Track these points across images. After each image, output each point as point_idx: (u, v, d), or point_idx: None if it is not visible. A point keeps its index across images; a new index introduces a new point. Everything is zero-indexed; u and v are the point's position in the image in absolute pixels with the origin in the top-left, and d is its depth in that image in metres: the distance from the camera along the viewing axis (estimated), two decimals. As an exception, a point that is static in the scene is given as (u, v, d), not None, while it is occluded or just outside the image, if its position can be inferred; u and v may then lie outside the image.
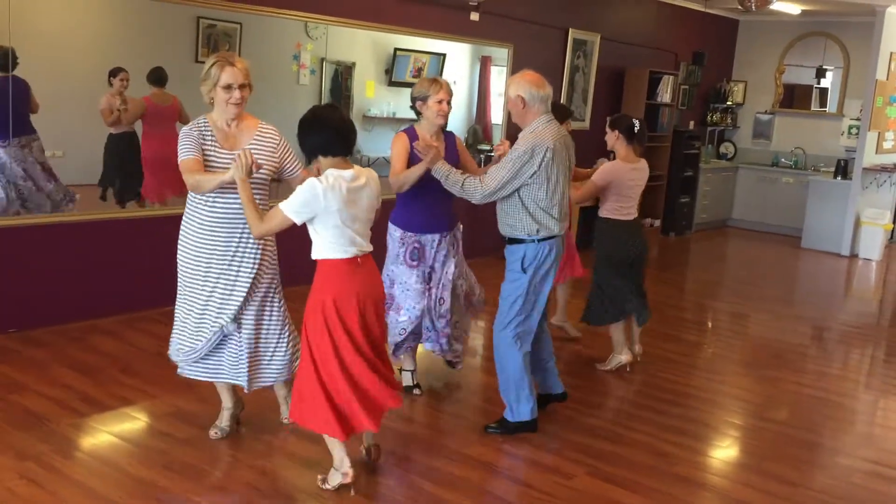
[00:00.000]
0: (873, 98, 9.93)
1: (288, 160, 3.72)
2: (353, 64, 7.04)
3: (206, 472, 3.57)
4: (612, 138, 4.99)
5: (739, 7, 8.57)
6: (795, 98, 11.84)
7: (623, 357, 5.16)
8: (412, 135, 4.24)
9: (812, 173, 11.04)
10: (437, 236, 4.34)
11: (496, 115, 8.42)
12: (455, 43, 7.82)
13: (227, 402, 3.90)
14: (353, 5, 6.77)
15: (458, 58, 7.97)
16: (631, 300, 5.08)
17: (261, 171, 3.53)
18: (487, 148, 8.34)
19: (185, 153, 3.51)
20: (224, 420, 3.89)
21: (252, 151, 3.47)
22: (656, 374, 5.25)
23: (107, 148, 5.50)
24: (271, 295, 3.73)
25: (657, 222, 10.59)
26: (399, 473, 3.68)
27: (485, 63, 8.28)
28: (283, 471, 3.63)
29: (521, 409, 4.10)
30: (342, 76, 6.99)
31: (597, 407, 4.71)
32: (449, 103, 4.24)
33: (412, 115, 4.39)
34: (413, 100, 4.29)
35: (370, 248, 3.34)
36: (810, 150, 11.53)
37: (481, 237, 6.36)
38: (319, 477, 3.47)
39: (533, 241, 3.92)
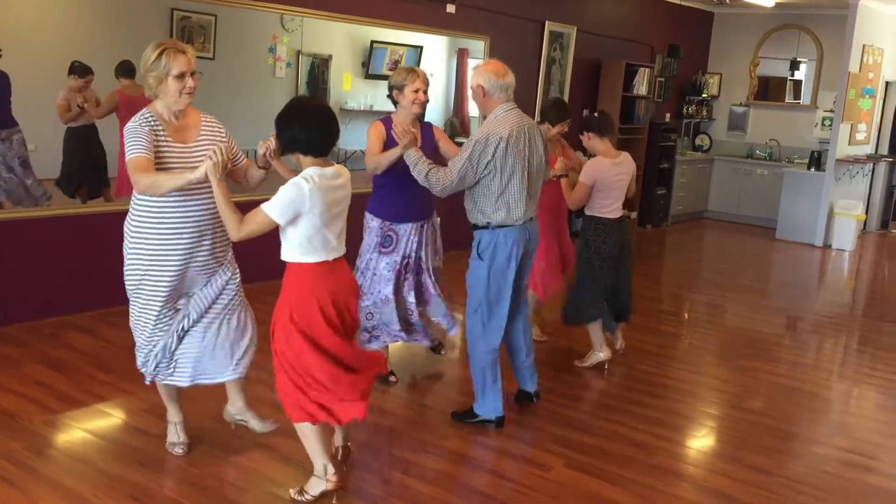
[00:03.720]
0: (846, 90, 10.03)
1: (235, 151, 3.51)
2: (330, 56, 7.00)
3: (183, 468, 3.54)
4: (586, 140, 4.91)
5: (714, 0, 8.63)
6: (770, 90, 11.95)
7: (601, 354, 5.11)
8: (388, 124, 4.24)
9: (786, 165, 11.15)
10: (410, 225, 4.36)
11: (473, 108, 8.41)
12: (432, 35, 7.79)
13: (178, 414, 3.72)
14: (329, -3, 6.73)
15: (435, 50, 7.95)
16: (601, 304, 4.96)
17: None
18: (464, 140, 8.33)
19: (136, 150, 3.18)
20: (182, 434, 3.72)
21: (204, 145, 3.34)
22: (633, 366, 5.28)
23: (65, 142, 5.40)
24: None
25: (634, 214, 10.64)
26: (376, 467, 3.67)
27: (462, 56, 8.27)
28: (261, 467, 3.60)
29: (485, 403, 4.10)
30: (318, 69, 6.94)
31: (574, 399, 4.73)
32: (426, 93, 4.24)
33: (389, 107, 4.39)
34: (390, 88, 4.29)
35: (344, 250, 3.22)
36: (784, 142, 11.64)
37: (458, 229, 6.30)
38: (292, 491, 3.30)
39: (486, 227, 3.93)
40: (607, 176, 4.82)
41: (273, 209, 2.99)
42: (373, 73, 7.34)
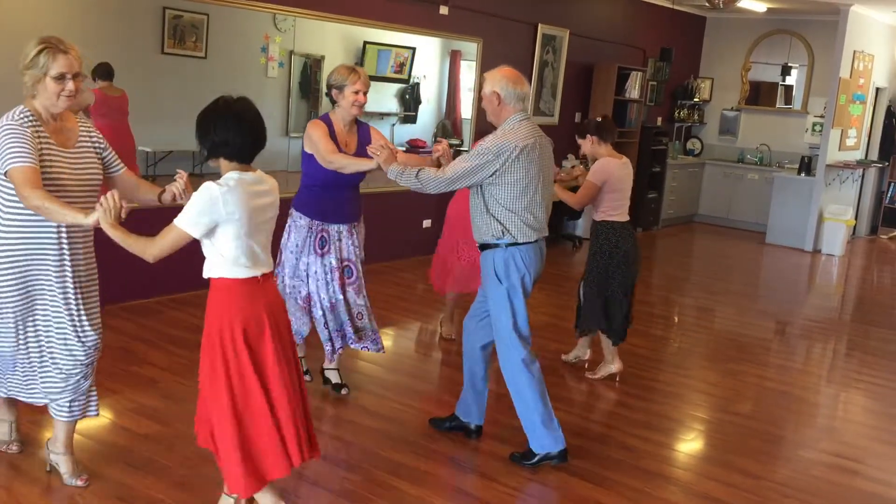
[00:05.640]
0: (837, 95, 10.08)
1: (110, 157, 3.24)
2: (322, 57, 6.99)
3: (169, 468, 3.52)
4: (589, 145, 4.82)
5: (706, 4, 8.65)
6: (761, 95, 11.99)
7: (613, 367, 5.02)
8: (327, 121, 4.12)
9: (777, 170, 11.20)
10: (344, 226, 4.23)
11: (466, 110, 8.41)
12: (425, 37, 7.79)
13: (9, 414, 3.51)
14: (322, -3, 6.72)
15: (428, 52, 7.95)
16: (614, 314, 4.89)
17: (94, 177, 3.12)
18: (457, 142, 8.33)
19: (23, 159, 2.87)
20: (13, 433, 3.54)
21: (84, 151, 3.10)
22: (623, 369, 5.27)
23: None
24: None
25: (625, 217, 10.66)
26: (366, 469, 3.66)
27: (454, 57, 8.26)
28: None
29: (545, 435, 3.75)
30: (311, 69, 6.93)
31: (564, 401, 4.73)
32: (365, 94, 4.08)
33: (380, 108, 4.33)
34: (329, 87, 4.13)
35: (272, 264, 2.94)
36: (775, 147, 11.69)
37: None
38: None
39: (500, 245, 3.69)
40: (617, 176, 4.77)
41: (185, 221, 2.72)
42: (378, 74, 7.36)
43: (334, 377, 4.48)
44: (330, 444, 3.91)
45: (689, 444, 4.36)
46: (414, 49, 7.73)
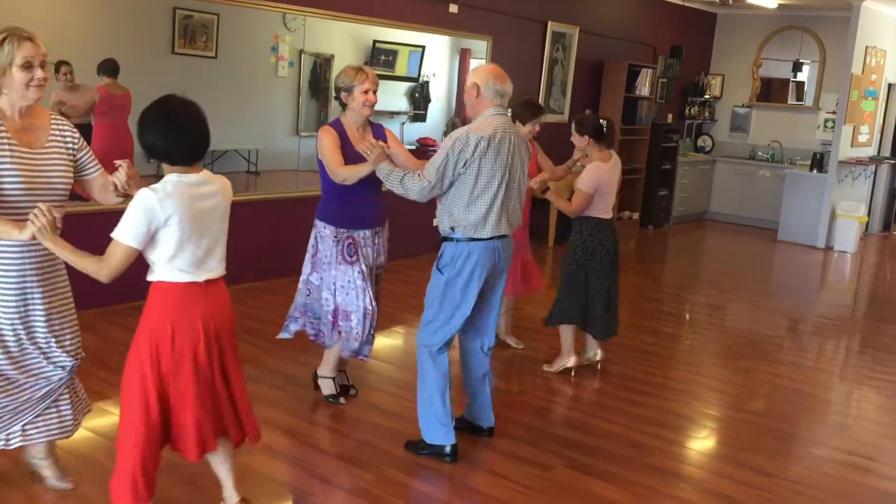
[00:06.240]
0: (849, 92, 10.03)
1: (86, 158, 3.08)
2: (332, 56, 7.00)
3: (178, 466, 3.52)
4: (582, 143, 4.81)
5: (717, 1, 8.62)
6: (772, 91, 11.94)
7: (570, 361, 5.00)
8: (338, 127, 4.07)
9: (788, 166, 11.14)
10: (368, 232, 4.15)
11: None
12: (434, 35, 7.80)
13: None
14: (331, -3, 6.74)
15: (438, 50, 7.96)
16: (594, 309, 4.88)
17: (61, 181, 2.97)
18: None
19: None
20: None
21: (53, 152, 2.95)
22: (633, 366, 5.27)
23: None
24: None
25: (635, 215, 10.64)
26: (376, 467, 3.67)
27: (464, 56, 8.26)
28: (260, 466, 3.61)
29: (431, 430, 3.78)
30: (321, 68, 6.95)
31: (575, 399, 4.73)
32: (375, 93, 4.03)
33: (389, 108, 4.32)
34: (337, 90, 4.08)
35: (222, 271, 2.82)
36: (787, 144, 11.64)
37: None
38: None
39: (452, 239, 3.67)
40: (605, 181, 4.79)
41: (124, 234, 2.62)
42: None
43: (341, 379, 4.47)
44: (342, 442, 3.93)
45: (701, 442, 4.35)
46: (423, 47, 7.74)
